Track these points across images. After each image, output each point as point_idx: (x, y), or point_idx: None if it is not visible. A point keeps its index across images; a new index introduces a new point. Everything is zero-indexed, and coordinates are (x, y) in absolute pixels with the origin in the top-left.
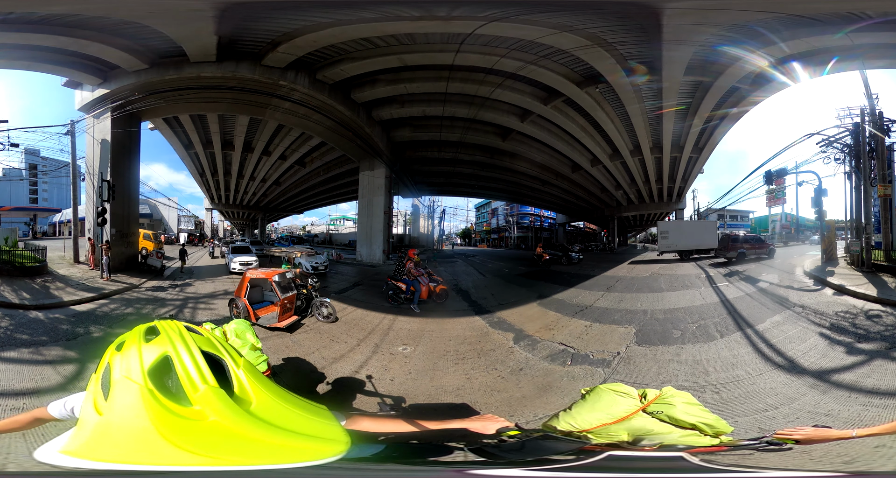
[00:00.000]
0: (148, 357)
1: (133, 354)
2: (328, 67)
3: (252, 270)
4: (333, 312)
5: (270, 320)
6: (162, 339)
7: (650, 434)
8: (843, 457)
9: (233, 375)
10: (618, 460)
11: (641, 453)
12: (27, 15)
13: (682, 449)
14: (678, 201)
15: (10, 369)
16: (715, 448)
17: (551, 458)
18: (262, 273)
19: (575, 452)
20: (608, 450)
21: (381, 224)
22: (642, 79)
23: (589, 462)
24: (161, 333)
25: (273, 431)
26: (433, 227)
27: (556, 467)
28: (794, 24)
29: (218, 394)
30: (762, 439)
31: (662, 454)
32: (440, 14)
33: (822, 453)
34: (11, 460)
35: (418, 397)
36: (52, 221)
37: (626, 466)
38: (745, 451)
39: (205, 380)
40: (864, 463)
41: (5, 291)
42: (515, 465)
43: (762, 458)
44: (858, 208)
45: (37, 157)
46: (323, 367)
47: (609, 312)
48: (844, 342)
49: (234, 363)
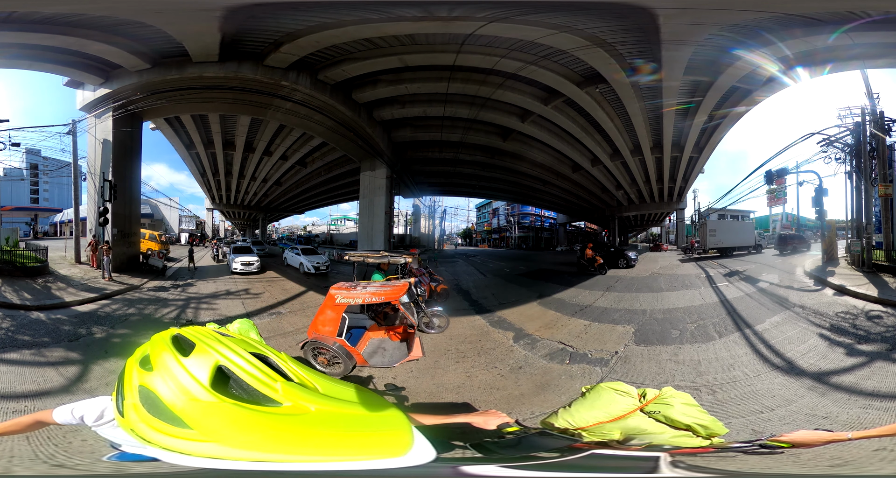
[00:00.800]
0: (200, 373)
1: (179, 372)
2: (330, 68)
3: (344, 290)
4: (447, 322)
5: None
6: (203, 350)
7: (642, 434)
8: (834, 460)
9: (285, 368)
10: (597, 459)
11: (622, 453)
12: (29, 14)
13: (667, 450)
14: (679, 201)
15: (11, 370)
16: (699, 450)
17: (538, 455)
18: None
19: (562, 449)
20: (595, 448)
21: (382, 224)
22: (648, 78)
23: (569, 460)
24: (196, 343)
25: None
26: (434, 227)
27: (537, 465)
28: (794, 23)
29: (295, 387)
30: (755, 442)
31: (639, 454)
32: (441, 15)
33: (811, 457)
34: (16, 464)
35: (420, 395)
36: (54, 221)
37: (603, 465)
38: (730, 453)
39: (274, 378)
40: (857, 467)
41: (6, 292)
42: (497, 462)
43: (745, 461)
44: (859, 208)
45: (38, 156)
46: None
47: (608, 311)
48: (844, 343)
49: (279, 358)
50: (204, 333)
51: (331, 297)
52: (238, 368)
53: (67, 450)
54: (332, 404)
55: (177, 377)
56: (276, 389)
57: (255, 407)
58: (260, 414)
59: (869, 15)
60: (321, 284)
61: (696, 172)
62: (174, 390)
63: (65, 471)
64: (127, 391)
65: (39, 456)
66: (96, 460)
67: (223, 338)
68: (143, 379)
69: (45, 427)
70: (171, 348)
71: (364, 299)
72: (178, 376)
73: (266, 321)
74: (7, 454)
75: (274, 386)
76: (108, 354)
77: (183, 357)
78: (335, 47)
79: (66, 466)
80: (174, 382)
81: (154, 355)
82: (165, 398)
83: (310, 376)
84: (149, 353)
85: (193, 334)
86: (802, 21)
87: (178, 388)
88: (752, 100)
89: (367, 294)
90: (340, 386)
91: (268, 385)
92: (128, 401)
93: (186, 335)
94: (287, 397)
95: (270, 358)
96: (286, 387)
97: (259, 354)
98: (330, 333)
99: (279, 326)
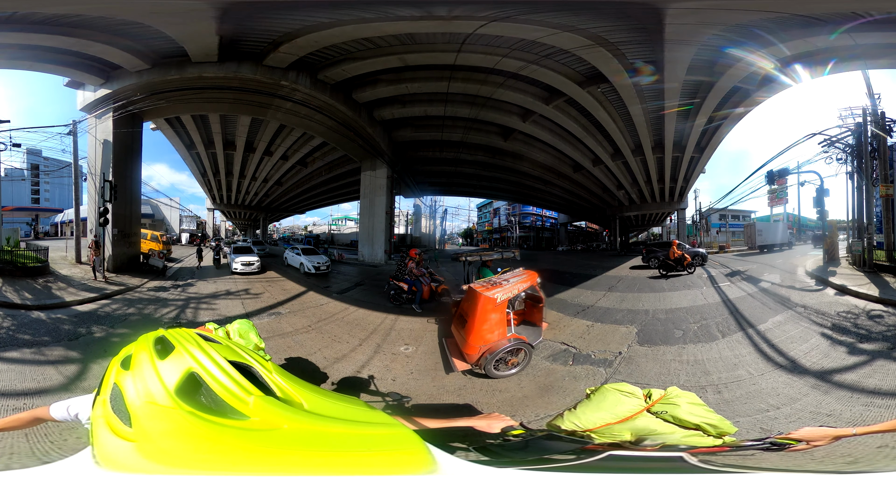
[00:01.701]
0: (169, 377)
1: (149, 374)
2: (329, 68)
3: (491, 289)
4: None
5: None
6: (179, 354)
7: (653, 434)
8: (846, 457)
9: (268, 379)
10: (618, 460)
11: (642, 453)
12: (29, 15)
13: (684, 449)
14: (680, 201)
15: (12, 369)
16: (716, 449)
17: (552, 458)
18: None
19: (576, 451)
20: (610, 450)
21: (382, 224)
22: (648, 79)
23: (588, 462)
24: (175, 346)
25: (343, 423)
26: (435, 227)
27: (555, 467)
28: (796, 23)
29: (271, 402)
30: (765, 440)
31: (663, 454)
32: (440, 14)
33: (824, 454)
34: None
35: (420, 397)
36: (54, 222)
37: (626, 466)
38: (746, 451)
39: (247, 391)
40: (868, 463)
41: (7, 292)
42: (515, 465)
43: (763, 458)
44: (860, 208)
45: (39, 157)
46: (325, 367)
47: (611, 311)
48: (846, 343)
49: (263, 368)
50: (185, 337)
51: (489, 300)
52: (209, 375)
53: (62, 447)
54: (312, 421)
55: (145, 378)
56: (246, 402)
57: (216, 419)
58: (217, 427)
59: (871, 15)
60: (321, 284)
61: (698, 172)
62: (138, 391)
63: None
64: (104, 387)
65: (36, 453)
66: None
67: (207, 343)
68: (118, 377)
69: (44, 424)
70: (151, 349)
71: (518, 289)
72: (146, 378)
73: (266, 322)
74: (7, 452)
75: (245, 399)
76: (108, 353)
77: (159, 360)
78: (334, 47)
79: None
80: (141, 382)
81: (134, 355)
82: (128, 397)
83: (299, 390)
84: (132, 352)
85: (176, 337)
86: (804, 21)
87: (143, 389)
88: (753, 100)
89: (517, 283)
90: (335, 402)
91: (236, 397)
92: (101, 397)
93: (169, 337)
94: (257, 411)
95: (254, 368)
96: (260, 401)
97: (240, 364)
98: (501, 335)
99: (279, 326)
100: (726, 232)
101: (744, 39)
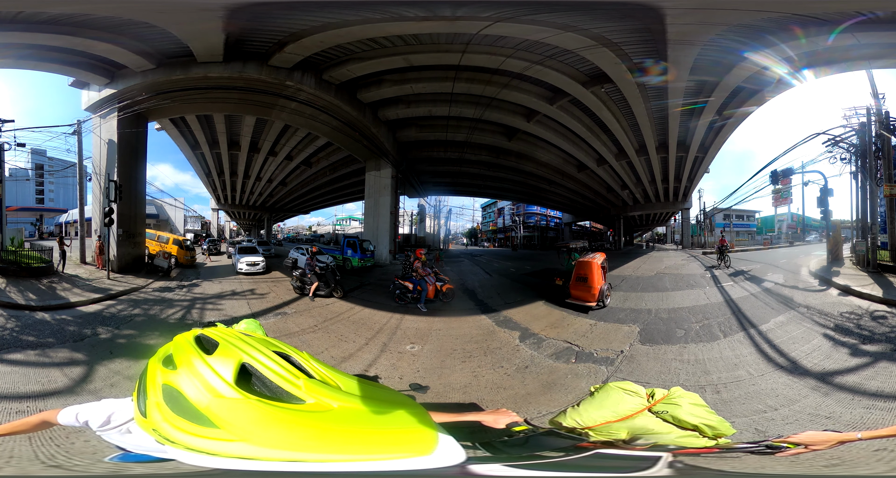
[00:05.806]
0: (224, 370)
1: (204, 370)
2: (334, 68)
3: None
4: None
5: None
6: (227, 348)
7: (648, 433)
8: (833, 460)
9: (306, 366)
10: (601, 459)
11: (624, 452)
12: (35, 15)
13: (671, 450)
14: (684, 201)
15: (16, 371)
16: (703, 450)
17: (543, 454)
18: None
19: (567, 449)
20: (600, 448)
21: (387, 224)
22: (655, 79)
23: (572, 459)
24: (220, 342)
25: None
26: (439, 226)
27: (541, 464)
28: (799, 23)
29: (318, 385)
30: (762, 443)
31: (641, 454)
32: (445, 14)
33: (811, 456)
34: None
35: (426, 395)
36: (59, 222)
37: (606, 464)
38: (732, 454)
39: (297, 376)
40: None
41: (11, 292)
42: (501, 461)
43: (747, 461)
44: (864, 208)
45: (43, 157)
46: (332, 366)
47: (613, 310)
48: (849, 344)
49: (300, 356)
50: (227, 333)
51: (596, 265)
52: (262, 365)
53: (69, 451)
54: (353, 401)
55: (202, 375)
56: (299, 386)
57: (279, 404)
58: (284, 411)
59: (874, 13)
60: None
61: (702, 171)
62: (199, 388)
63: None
64: (150, 390)
65: (39, 457)
66: (97, 460)
67: (246, 337)
68: (166, 378)
69: (50, 428)
70: (195, 347)
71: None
72: (203, 374)
73: (272, 322)
74: (6, 455)
75: (297, 383)
76: (114, 354)
77: (209, 356)
78: (339, 47)
79: (64, 467)
80: (199, 379)
81: (178, 354)
82: (190, 396)
83: (331, 373)
84: (172, 352)
85: (217, 334)
86: (807, 21)
87: (204, 385)
88: (757, 100)
89: (600, 257)
90: (361, 384)
91: (291, 382)
92: (151, 400)
93: (209, 335)
94: (310, 393)
95: (292, 356)
96: (309, 384)
97: (281, 353)
98: (601, 282)
99: (285, 326)
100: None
101: (747, 39)
